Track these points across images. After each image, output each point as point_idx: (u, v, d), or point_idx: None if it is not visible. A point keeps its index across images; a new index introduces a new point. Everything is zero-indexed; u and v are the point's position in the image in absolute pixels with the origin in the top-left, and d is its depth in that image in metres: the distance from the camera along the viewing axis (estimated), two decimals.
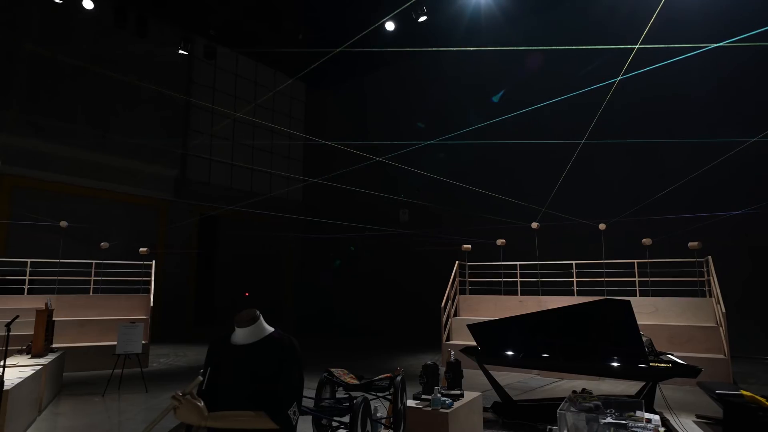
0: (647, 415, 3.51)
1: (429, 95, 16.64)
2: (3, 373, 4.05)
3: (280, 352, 1.79)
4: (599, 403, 3.41)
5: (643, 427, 3.25)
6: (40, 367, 6.03)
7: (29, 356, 6.90)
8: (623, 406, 3.53)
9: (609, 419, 3.29)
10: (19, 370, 5.70)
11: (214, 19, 14.32)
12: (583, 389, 3.65)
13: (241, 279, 18.34)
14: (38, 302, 10.24)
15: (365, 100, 19.16)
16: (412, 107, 17.40)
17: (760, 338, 10.99)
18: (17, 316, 5.07)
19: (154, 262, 11.26)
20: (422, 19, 10.33)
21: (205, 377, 1.78)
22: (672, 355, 6.20)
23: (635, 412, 3.48)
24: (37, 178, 13.77)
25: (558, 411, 2.93)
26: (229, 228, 17.91)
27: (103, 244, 10.74)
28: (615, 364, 5.64)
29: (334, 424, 2.80)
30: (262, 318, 1.88)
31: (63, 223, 10.68)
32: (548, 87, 11.62)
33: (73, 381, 8.22)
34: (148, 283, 11.12)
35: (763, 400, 4.52)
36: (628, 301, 5.75)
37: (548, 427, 2.73)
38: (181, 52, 12.11)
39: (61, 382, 7.75)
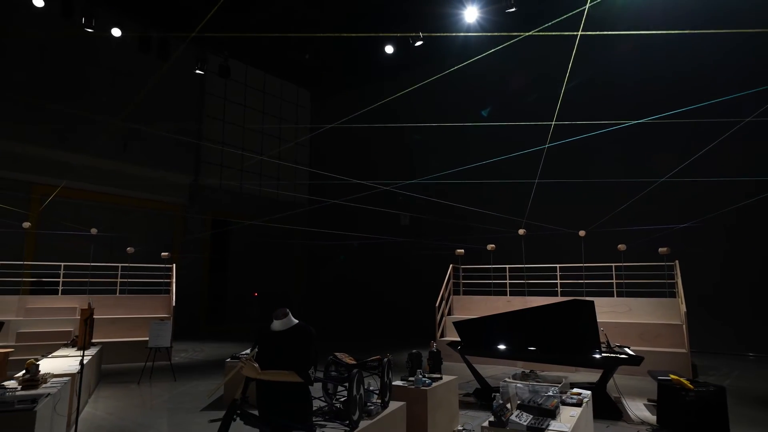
0: (579, 391, 4.55)
1: (426, 106, 17.64)
2: (83, 358, 5.10)
3: (303, 335, 2.83)
4: (540, 380, 4.44)
5: (571, 397, 4.28)
6: (89, 357, 7.10)
7: (75, 349, 7.97)
8: (561, 385, 4.56)
9: (550, 392, 4.31)
10: (73, 360, 6.77)
11: (229, 37, 15.37)
12: (531, 370, 4.68)
13: (250, 280, 19.47)
14: (71, 302, 11.41)
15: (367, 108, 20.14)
16: (411, 116, 18.41)
17: (729, 336, 11.91)
18: (90, 314, 6.08)
19: (174, 265, 12.34)
20: (418, 43, 11.35)
21: (256, 350, 2.84)
22: (628, 348, 7.20)
23: (570, 389, 4.53)
24: (64, 186, 14.88)
25: (500, 383, 3.96)
26: (240, 231, 18.96)
27: (130, 249, 11.83)
28: (575, 355, 6.67)
29: (339, 390, 3.84)
30: (290, 314, 2.93)
31: (93, 230, 11.78)
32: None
33: (107, 372, 9.30)
34: (169, 284, 12.22)
35: (686, 382, 5.52)
36: (592, 302, 6.78)
37: (494, 394, 3.73)
38: (197, 72, 13.18)
39: (100, 372, 8.83)
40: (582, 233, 11.16)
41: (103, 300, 11.60)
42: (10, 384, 4.75)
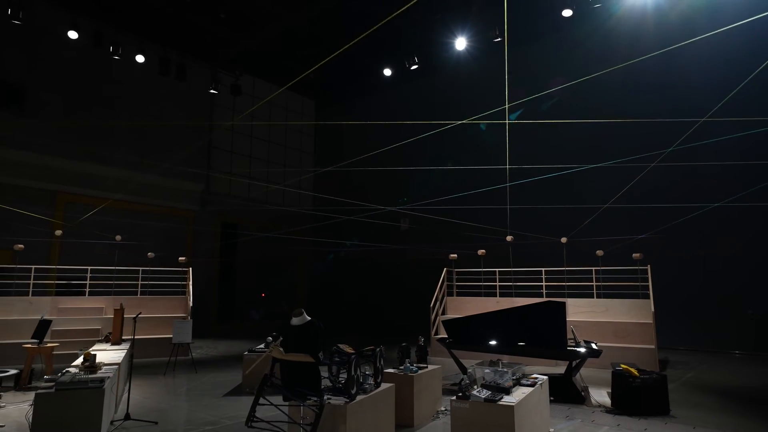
0: (536, 376, 5.59)
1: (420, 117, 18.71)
2: (132, 350, 6.14)
3: (315, 329, 3.89)
4: (504, 367, 5.47)
5: (528, 380, 5.32)
6: (125, 350, 8.17)
7: (110, 344, 9.03)
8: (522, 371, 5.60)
9: (511, 376, 5.34)
10: (114, 352, 7.85)
11: (239, 55, 16.51)
12: (498, 359, 5.72)
13: (258, 281, 20.57)
14: (97, 302, 12.50)
15: (369, 117, 21.21)
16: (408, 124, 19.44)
17: (721, 334, 12.78)
18: (140, 313, 7.15)
19: (191, 269, 13.42)
20: (414, 67, 12.41)
21: (279, 339, 3.89)
22: (594, 343, 8.20)
23: (528, 374, 5.56)
24: (86, 194, 16.02)
25: (469, 367, 4.99)
26: (247, 236, 20.04)
27: (150, 254, 12.91)
28: (546, 349, 7.69)
29: (341, 372, 4.88)
30: (305, 312, 3.98)
31: (118, 237, 12.88)
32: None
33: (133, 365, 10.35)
34: (186, 286, 13.32)
35: (633, 371, 6.54)
36: (564, 303, 7.82)
37: (462, 376, 4.75)
38: (212, 91, 14.29)
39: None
40: (564, 240, 12.17)
41: (126, 301, 12.63)
42: (73, 370, 5.81)
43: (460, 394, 4.63)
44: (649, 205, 12.35)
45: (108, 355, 7.50)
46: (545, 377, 5.66)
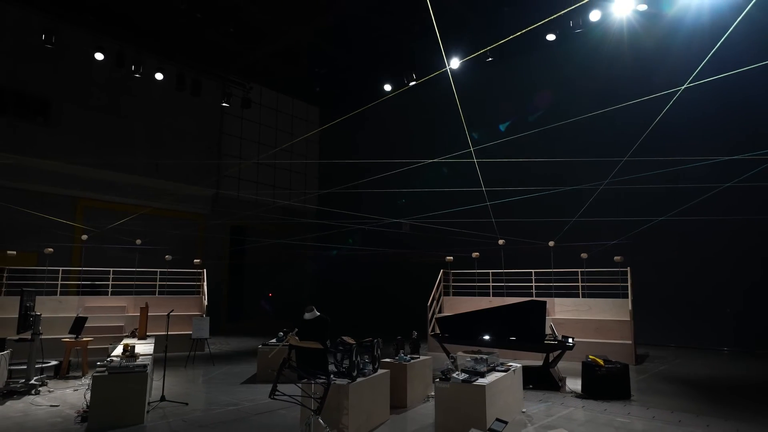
0: (511, 363, 6.54)
1: (419, 123, 19.66)
2: (167, 339, 7.11)
3: (323, 322, 4.85)
4: (485, 356, 6.42)
5: (502, 367, 6.26)
6: (152, 344, 9.16)
7: (137, 339, 10.01)
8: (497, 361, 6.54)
9: (487, 363, 6.28)
10: (142, 346, 8.83)
11: (250, 68, 17.51)
12: (479, 350, 6.67)
13: (265, 281, 21.58)
14: (120, 301, 13.50)
15: (371, 122, 22.17)
16: (407, 131, 20.41)
17: (709, 333, 13.61)
18: (172, 310, 8.13)
19: (205, 270, 14.42)
20: (412, 83, 13.38)
21: (295, 330, 4.87)
22: (571, 338, 9.11)
23: (503, 363, 6.51)
24: (105, 200, 17.05)
25: (450, 355, 5.95)
26: (255, 239, 21.02)
27: (168, 257, 13.91)
28: (526, 342, 8.63)
29: (344, 359, 5.84)
30: (315, 308, 4.95)
31: (138, 241, 13.89)
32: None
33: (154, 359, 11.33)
34: (200, 286, 14.32)
35: (600, 361, 7.47)
36: (544, 302, 8.77)
37: (445, 362, 5.70)
38: (223, 104, 15.31)
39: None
40: (551, 243, 13.10)
41: (145, 300, 13.66)
42: (116, 358, 6.78)
43: (443, 377, 5.59)
44: (621, 219, 13.28)
45: (138, 348, 8.46)
46: (518, 365, 6.61)
